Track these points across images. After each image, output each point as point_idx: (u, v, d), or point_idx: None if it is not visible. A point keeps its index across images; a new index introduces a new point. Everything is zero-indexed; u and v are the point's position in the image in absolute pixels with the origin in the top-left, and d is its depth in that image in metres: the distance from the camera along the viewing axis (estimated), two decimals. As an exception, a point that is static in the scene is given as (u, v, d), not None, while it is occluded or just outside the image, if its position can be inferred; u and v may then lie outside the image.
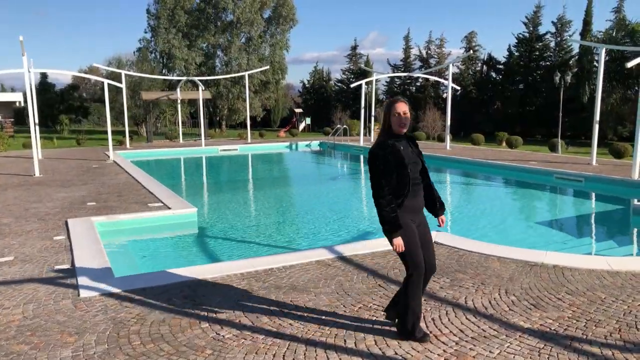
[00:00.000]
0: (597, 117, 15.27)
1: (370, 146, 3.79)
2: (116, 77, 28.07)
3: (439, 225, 4.02)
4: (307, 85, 50.57)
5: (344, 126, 28.88)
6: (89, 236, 6.97)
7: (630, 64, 12.89)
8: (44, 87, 40.00)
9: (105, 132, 20.52)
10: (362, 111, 25.43)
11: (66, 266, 5.72)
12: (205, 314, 4.37)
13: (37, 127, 17.09)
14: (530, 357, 3.58)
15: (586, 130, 29.08)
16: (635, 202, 9.49)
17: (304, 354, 3.65)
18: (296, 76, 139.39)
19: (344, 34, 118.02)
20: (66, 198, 10.18)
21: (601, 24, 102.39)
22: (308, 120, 43.38)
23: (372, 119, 27.18)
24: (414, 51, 44.31)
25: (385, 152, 3.64)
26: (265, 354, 3.65)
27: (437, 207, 3.93)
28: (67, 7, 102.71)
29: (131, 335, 3.98)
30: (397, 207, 3.63)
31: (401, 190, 3.61)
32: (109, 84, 19.05)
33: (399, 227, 3.61)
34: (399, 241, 3.62)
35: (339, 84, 48.87)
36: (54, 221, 8.06)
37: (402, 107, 3.65)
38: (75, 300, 4.71)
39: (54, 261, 5.92)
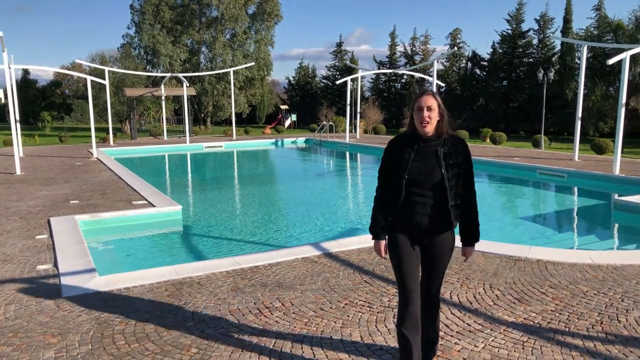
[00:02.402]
0: (580, 113, 15.47)
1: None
2: (99, 73, 27.74)
3: (464, 259, 3.39)
4: (292, 82, 50.42)
5: (330, 123, 28.87)
6: (72, 235, 6.89)
7: (611, 61, 13.06)
8: (26, 83, 39.24)
9: (89, 129, 20.32)
10: (348, 108, 25.44)
11: (48, 266, 5.64)
12: (191, 312, 4.35)
13: (18, 124, 16.82)
14: (515, 350, 3.62)
15: (569, 127, 29.43)
16: (616, 197, 9.63)
17: (290, 351, 3.65)
18: (281, 73, 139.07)
19: (330, 30, 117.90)
20: (48, 196, 10.05)
21: (582, 21, 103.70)
22: (294, 117, 43.29)
23: (358, 115, 27.21)
24: (399, 48, 44.43)
25: (391, 147, 3.16)
26: (251, 351, 3.65)
27: (465, 235, 3.27)
28: (49, 2, 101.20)
29: (115, 335, 3.94)
30: (390, 213, 3.14)
31: (392, 196, 3.07)
32: (92, 80, 18.81)
33: (373, 232, 3.21)
34: (375, 245, 3.25)
35: (325, 81, 48.78)
36: (35, 220, 7.95)
37: (427, 101, 3.00)
38: (58, 300, 4.65)
39: (36, 261, 5.84)
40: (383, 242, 3.22)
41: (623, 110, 12.60)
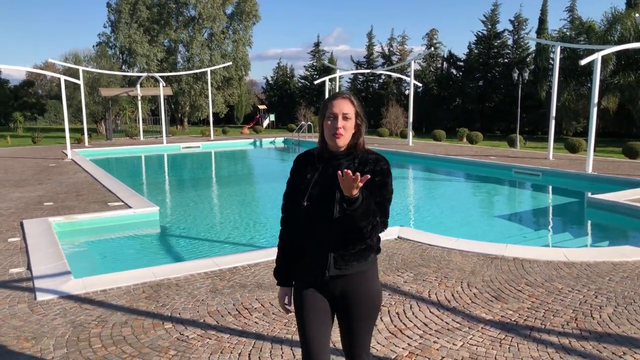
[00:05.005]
0: (554, 113, 15.75)
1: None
2: (74, 73, 27.26)
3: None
4: (270, 82, 50.29)
5: (308, 123, 28.86)
6: (46, 237, 6.75)
7: (583, 62, 13.32)
8: (-4, 83, 38.42)
9: (63, 130, 19.96)
10: (326, 108, 25.44)
11: (22, 269, 5.52)
12: (169, 314, 4.30)
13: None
14: (492, 348, 3.67)
15: (543, 126, 29.93)
16: (589, 195, 9.83)
17: (270, 352, 3.64)
18: (259, 72, 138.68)
19: (308, 30, 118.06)
20: (21, 198, 9.83)
21: (555, 22, 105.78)
22: (272, 117, 43.17)
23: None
24: (377, 48, 44.62)
25: (295, 166, 2.45)
26: (231, 353, 3.62)
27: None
28: (20, 0, 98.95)
29: (92, 338, 3.87)
30: (293, 252, 2.43)
31: (293, 230, 2.43)
32: (66, 80, 18.46)
33: (275, 276, 2.54)
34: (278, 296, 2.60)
35: (303, 81, 48.74)
36: (8, 222, 7.77)
37: (342, 107, 2.24)
38: (32, 304, 4.55)
39: (9, 264, 5.71)
40: (284, 290, 2.53)
41: (595, 110, 12.86)
